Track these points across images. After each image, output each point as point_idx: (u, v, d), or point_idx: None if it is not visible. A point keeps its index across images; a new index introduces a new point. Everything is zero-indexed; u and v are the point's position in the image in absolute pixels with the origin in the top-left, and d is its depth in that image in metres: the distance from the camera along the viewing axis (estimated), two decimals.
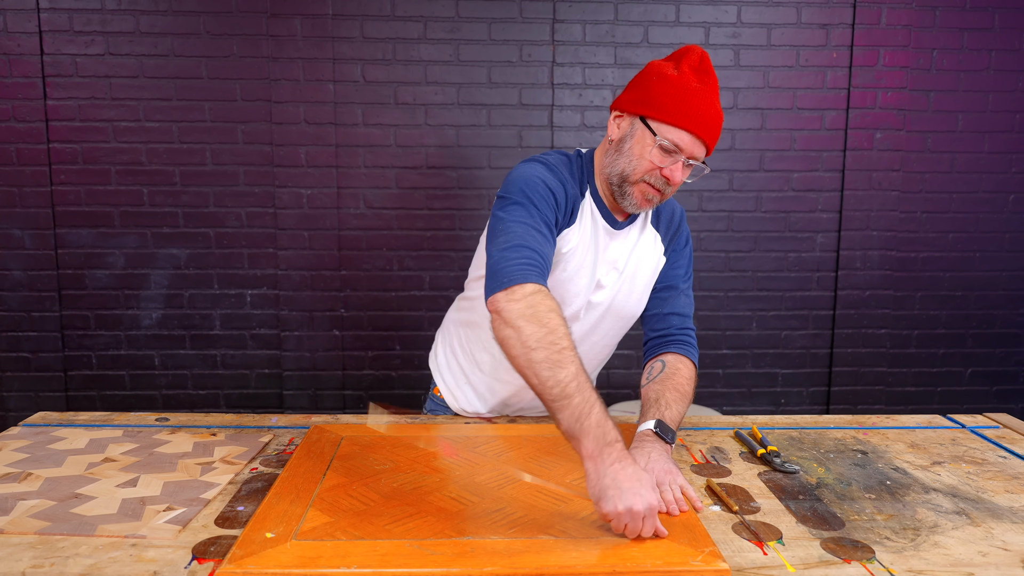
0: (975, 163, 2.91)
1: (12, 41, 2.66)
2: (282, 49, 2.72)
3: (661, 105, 1.24)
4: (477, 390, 1.52)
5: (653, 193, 1.28)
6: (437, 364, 1.61)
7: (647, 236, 1.43)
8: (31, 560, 0.90)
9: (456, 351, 1.55)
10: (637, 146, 1.27)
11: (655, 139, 1.24)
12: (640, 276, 1.42)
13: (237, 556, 0.88)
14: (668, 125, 1.24)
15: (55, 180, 2.74)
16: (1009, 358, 3.04)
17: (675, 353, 1.42)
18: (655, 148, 1.25)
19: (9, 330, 2.80)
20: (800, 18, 2.80)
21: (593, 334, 1.44)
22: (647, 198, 1.29)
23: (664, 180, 1.27)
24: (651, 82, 1.26)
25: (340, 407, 2.91)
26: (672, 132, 1.23)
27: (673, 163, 1.25)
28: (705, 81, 1.25)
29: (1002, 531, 1.02)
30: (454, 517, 1.00)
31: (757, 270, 2.93)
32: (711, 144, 1.27)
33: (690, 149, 1.24)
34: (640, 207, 1.31)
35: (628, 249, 1.40)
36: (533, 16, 2.75)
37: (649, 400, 1.32)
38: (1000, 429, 1.46)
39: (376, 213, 2.82)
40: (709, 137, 1.25)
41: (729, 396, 2.99)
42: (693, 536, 0.95)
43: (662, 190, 1.28)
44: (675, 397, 1.31)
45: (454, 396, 1.56)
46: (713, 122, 1.25)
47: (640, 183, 1.28)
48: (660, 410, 1.27)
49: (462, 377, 1.54)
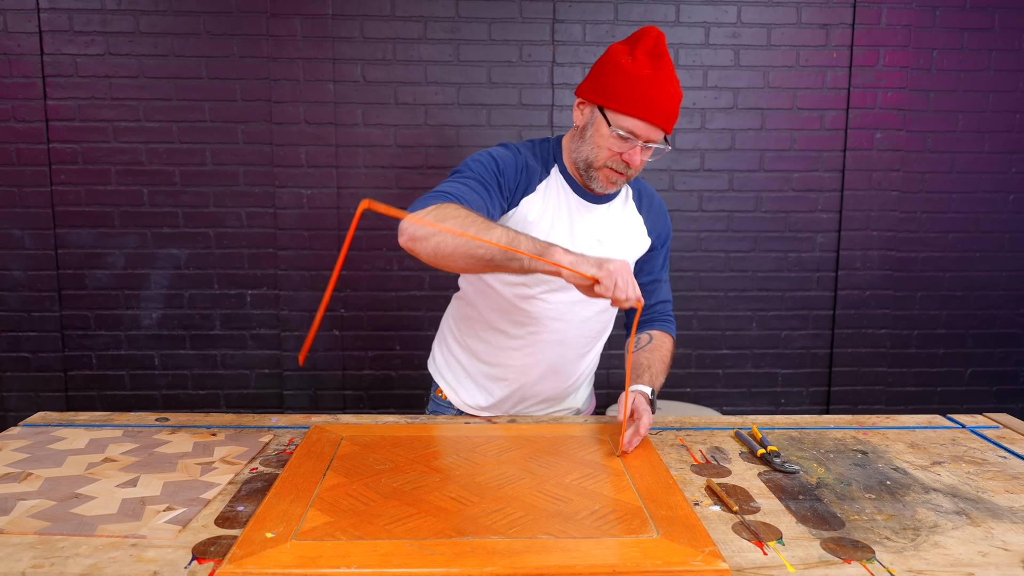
0: (975, 163, 2.91)
1: (12, 41, 2.66)
2: (282, 49, 2.72)
3: (615, 95, 1.31)
4: (477, 381, 1.53)
5: (616, 176, 1.38)
6: (436, 366, 1.63)
7: (630, 215, 1.51)
8: (31, 560, 0.90)
9: (452, 348, 1.58)
10: (596, 134, 1.35)
11: (611, 128, 1.32)
12: (624, 252, 1.48)
13: (237, 556, 0.88)
14: (622, 115, 1.31)
15: (55, 180, 2.74)
16: (1009, 358, 3.04)
17: (660, 330, 1.57)
18: (612, 136, 1.33)
19: (9, 330, 2.80)
20: (800, 18, 2.80)
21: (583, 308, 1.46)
22: (612, 180, 1.38)
23: (625, 164, 1.35)
24: (607, 71, 1.33)
25: (340, 407, 2.91)
26: (626, 121, 1.31)
27: (631, 148, 1.33)
28: (658, 66, 1.31)
29: (1002, 531, 1.02)
30: (454, 517, 1.00)
31: (757, 270, 2.93)
32: (667, 126, 1.34)
33: (645, 134, 1.32)
34: (607, 188, 1.40)
35: (610, 224, 1.47)
36: (533, 16, 2.75)
37: (641, 365, 1.45)
38: (1000, 429, 1.46)
39: (376, 213, 2.81)
40: (663, 121, 1.32)
41: (729, 396, 2.99)
42: (693, 536, 0.95)
43: (624, 172, 1.37)
44: (661, 368, 1.47)
45: (456, 393, 1.57)
46: (666, 106, 1.31)
47: (603, 168, 1.37)
48: (652, 377, 1.42)
49: (461, 372, 1.56)
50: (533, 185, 1.39)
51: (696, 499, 1.11)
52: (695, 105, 2.83)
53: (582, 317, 1.46)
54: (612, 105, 1.31)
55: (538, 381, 1.50)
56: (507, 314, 1.45)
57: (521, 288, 1.41)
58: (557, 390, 1.54)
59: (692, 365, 2.98)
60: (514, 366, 1.48)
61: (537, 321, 1.43)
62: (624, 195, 1.50)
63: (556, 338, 1.46)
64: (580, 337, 1.48)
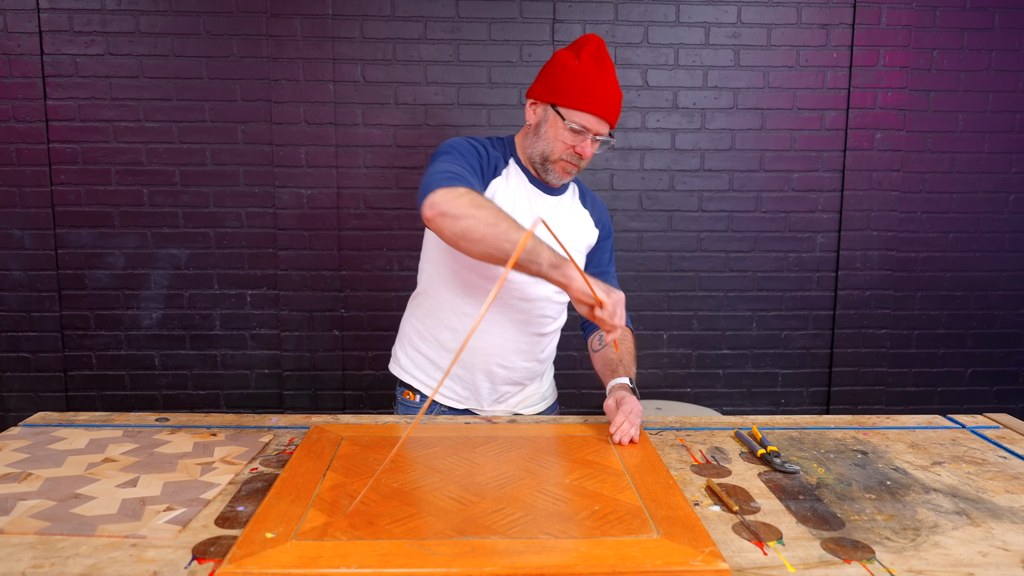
0: (975, 163, 2.91)
1: (12, 41, 2.66)
2: (282, 49, 2.72)
3: (567, 93, 1.44)
4: (451, 373, 1.58)
5: (571, 167, 1.51)
6: (401, 366, 1.67)
7: (577, 210, 1.63)
8: (31, 560, 0.90)
9: (418, 345, 1.62)
10: (551, 130, 1.48)
11: (565, 123, 1.45)
12: (576, 241, 1.60)
13: (237, 556, 0.88)
14: (574, 110, 1.45)
15: (55, 180, 2.74)
16: (1009, 358, 3.04)
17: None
18: (566, 131, 1.46)
19: (9, 330, 2.80)
20: (800, 18, 2.80)
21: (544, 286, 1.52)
22: (567, 171, 1.52)
23: (578, 156, 1.48)
24: (557, 73, 1.47)
25: (340, 407, 2.91)
26: (578, 116, 1.45)
27: (583, 141, 1.46)
28: (602, 67, 1.45)
29: (1002, 531, 1.02)
30: (454, 517, 1.00)
31: (757, 270, 2.93)
32: (613, 120, 1.48)
33: (595, 128, 1.46)
34: (562, 179, 1.53)
35: (562, 215, 1.59)
36: (533, 16, 2.75)
37: (612, 360, 1.54)
38: (1000, 429, 1.46)
39: (376, 213, 2.82)
40: (609, 115, 1.46)
41: (729, 396, 2.99)
42: (693, 536, 0.95)
43: (577, 164, 1.51)
44: (631, 360, 1.56)
45: (429, 389, 1.61)
46: (612, 102, 1.46)
47: (559, 161, 1.49)
48: (625, 369, 1.51)
49: (430, 366, 1.60)
50: (499, 170, 1.53)
51: (696, 499, 1.11)
52: (695, 105, 2.83)
53: (542, 296, 1.55)
54: (565, 102, 1.45)
55: (507, 359, 1.56)
56: (474, 297, 1.53)
57: (488, 269, 1.49)
58: (527, 370, 1.60)
59: (692, 365, 2.98)
60: (483, 348, 1.54)
61: (503, 301, 1.53)
62: (572, 191, 1.64)
63: (521, 317, 1.55)
64: (541, 316, 1.58)
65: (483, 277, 1.51)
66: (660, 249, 2.91)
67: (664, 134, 2.85)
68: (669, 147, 2.86)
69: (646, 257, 2.91)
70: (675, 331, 2.96)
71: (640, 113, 2.83)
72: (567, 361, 2.86)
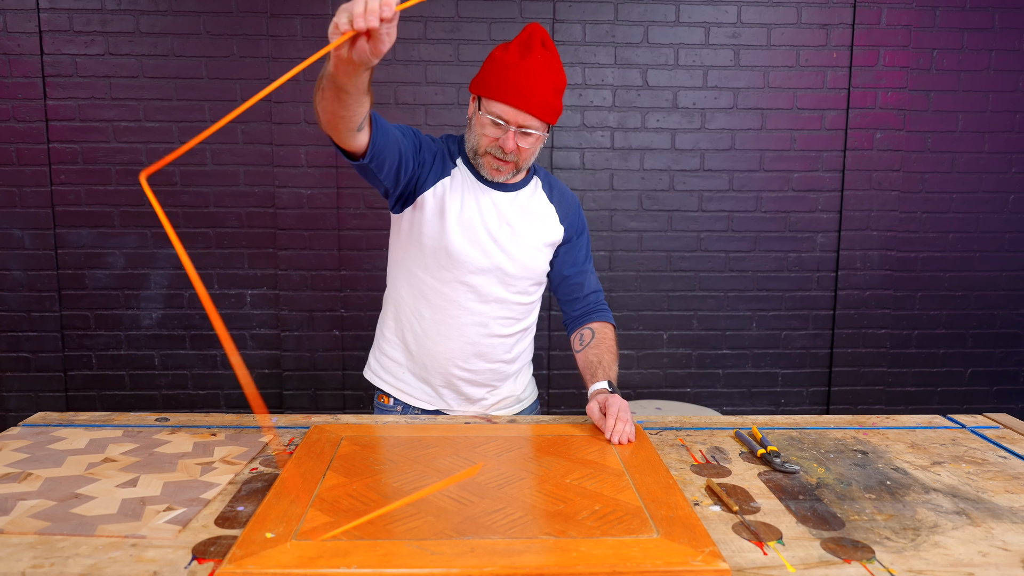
0: (975, 163, 2.91)
1: (12, 41, 2.66)
2: (282, 49, 2.72)
3: (485, 83, 1.39)
4: (415, 374, 1.58)
5: (498, 163, 1.44)
6: (373, 371, 1.68)
7: (539, 203, 1.56)
8: (31, 560, 0.90)
9: (385, 348, 1.63)
10: (477, 122, 1.43)
11: (483, 115, 1.40)
12: (535, 235, 1.53)
13: (237, 556, 0.88)
14: (491, 100, 1.38)
15: (55, 180, 2.74)
16: (1009, 358, 3.04)
17: (599, 321, 1.61)
18: (488, 123, 1.40)
19: (9, 330, 2.80)
20: (800, 18, 2.80)
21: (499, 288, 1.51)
22: (495, 168, 1.45)
23: (501, 150, 1.41)
24: (485, 64, 1.43)
25: (340, 407, 2.91)
26: (494, 106, 1.38)
27: (504, 134, 1.39)
28: (526, 55, 1.38)
29: (1002, 531, 1.01)
30: (454, 517, 1.00)
31: (757, 270, 2.93)
32: (537, 111, 1.38)
33: (515, 119, 1.38)
34: (493, 175, 1.46)
35: (519, 209, 1.52)
36: (533, 16, 2.75)
37: (592, 363, 1.52)
38: (1000, 429, 1.46)
39: (376, 213, 2.82)
40: (529, 106, 1.37)
41: (729, 396, 2.99)
42: (693, 536, 0.95)
43: (504, 158, 1.42)
44: (611, 359, 1.53)
45: (400, 391, 1.61)
46: (532, 92, 1.36)
47: (486, 155, 1.43)
48: (605, 371, 1.48)
49: (396, 367, 1.61)
50: (448, 170, 1.48)
51: (696, 499, 1.11)
52: (695, 105, 2.83)
53: (500, 297, 1.52)
54: (484, 92, 1.40)
55: (467, 361, 1.54)
56: (427, 299, 1.51)
57: (438, 271, 1.48)
58: (493, 372, 1.58)
59: (692, 365, 2.98)
60: (440, 351, 1.53)
61: (456, 303, 1.50)
62: (533, 185, 1.57)
63: (476, 319, 1.52)
64: (501, 318, 1.54)
65: (436, 279, 1.49)
66: (660, 249, 2.91)
67: (664, 134, 2.85)
68: (669, 147, 2.85)
69: (646, 257, 2.91)
70: (675, 331, 2.96)
71: (640, 113, 2.83)
72: (567, 361, 2.85)
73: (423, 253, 1.48)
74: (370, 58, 1.00)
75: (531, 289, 1.57)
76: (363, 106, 1.22)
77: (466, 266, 1.47)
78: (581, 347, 1.57)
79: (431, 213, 1.46)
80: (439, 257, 1.47)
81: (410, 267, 1.52)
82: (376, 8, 0.94)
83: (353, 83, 1.12)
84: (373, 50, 0.99)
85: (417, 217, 1.47)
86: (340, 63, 1.05)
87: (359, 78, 1.10)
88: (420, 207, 1.47)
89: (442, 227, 1.45)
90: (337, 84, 1.13)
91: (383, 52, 1.00)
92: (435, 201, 1.46)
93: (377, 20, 0.95)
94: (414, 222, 1.48)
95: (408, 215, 1.49)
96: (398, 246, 1.55)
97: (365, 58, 1.00)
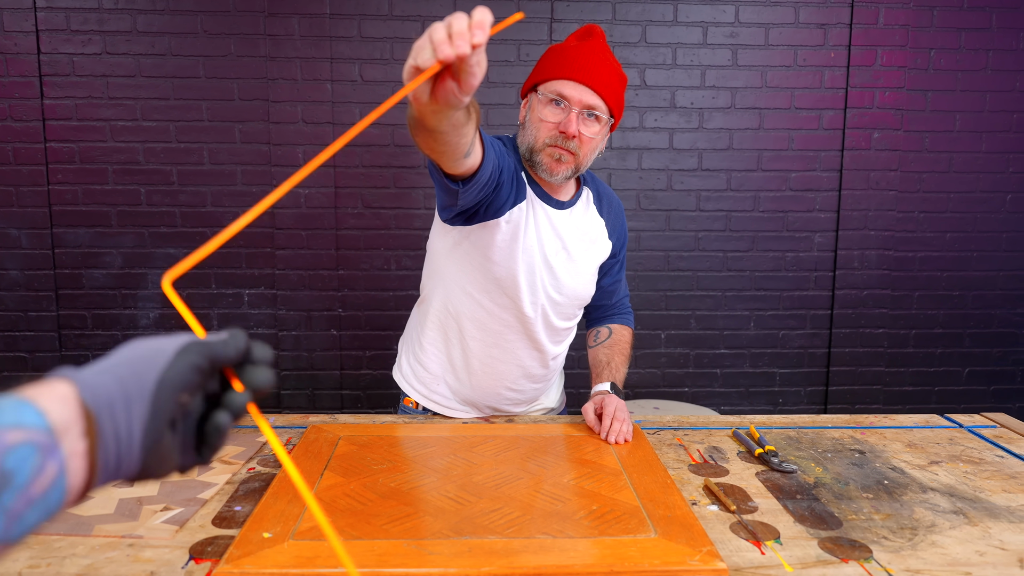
0: (973, 163, 2.92)
1: (9, 40, 2.65)
2: (280, 48, 2.71)
3: (543, 69, 1.34)
4: (456, 391, 1.51)
5: (559, 152, 1.32)
6: (405, 378, 1.58)
7: (592, 219, 1.49)
8: (28, 560, 0.89)
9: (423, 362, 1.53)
10: (533, 114, 1.35)
11: (542, 97, 1.32)
12: (589, 259, 1.47)
13: (234, 556, 0.88)
14: (550, 80, 1.32)
15: (52, 179, 2.74)
16: (1006, 357, 3.04)
17: (618, 323, 1.61)
18: (546, 106, 1.31)
19: (6, 330, 2.80)
20: (798, 18, 2.80)
21: (555, 315, 1.46)
22: (555, 158, 1.33)
23: (563, 136, 1.31)
24: (540, 60, 1.38)
25: (338, 407, 2.91)
26: (554, 84, 1.31)
27: (565, 116, 1.30)
28: (585, 41, 1.33)
29: (999, 530, 1.02)
30: (452, 517, 1.00)
31: (755, 270, 2.93)
32: (599, 87, 1.30)
33: (577, 96, 1.30)
34: (552, 171, 1.35)
35: (575, 230, 1.44)
36: (532, 16, 2.75)
37: (600, 363, 1.50)
38: (998, 428, 1.46)
39: (374, 212, 2.82)
40: (592, 82, 1.29)
41: (727, 396, 2.99)
42: (691, 536, 0.95)
43: (567, 147, 1.32)
44: (622, 360, 1.51)
45: (437, 403, 1.54)
46: (595, 69, 1.29)
47: (545, 148, 1.33)
48: (612, 372, 1.46)
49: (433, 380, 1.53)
50: (524, 192, 1.37)
51: (694, 499, 1.11)
52: (693, 105, 2.83)
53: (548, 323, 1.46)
54: (541, 77, 1.33)
55: (515, 383, 1.50)
56: (484, 324, 1.43)
57: (503, 299, 1.41)
58: (535, 390, 1.55)
59: (690, 365, 2.98)
60: (491, 374, 1.47)
61: (512, 329, 1.44)
62: (586, 198, 1.49)
63: (530, 344, 1.46)
64: (550, 342, 1.49)
65: (497, 305, 1.41)
66: (658, 249, 2.91)
67: (662, 133, 2.85)
68: (667, 147, 2.86)
69: (644, 256, 2.91)
70: (673, 330, 2.96)
71: (638, 112, 2.83)
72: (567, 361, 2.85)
73: (485, 277, 1.38)
74: (460, 98, 0.79)
75: (578, 312, 1.53)
76: (466, 136, 1.01)
77: (526, 298, 1.40)
78: (594, 344, 1.56)
79: (503, 240, 1.34)
80: (504, 285, 1.37)
81: (464, 285, 1.41)
82: (465, 31, 0.71)
83: (447, 123, 0.93)
84: (462, 87, 0.77)
85: (485, 239, 1.35)
86: (423, 108, 0.85)
87: (453, 116, 0.91)
88: (490, 230, 1.34)
89: (511, 256, 1.35)
90: (427, 127, 0.95)
91: (474, 87, 0.78)
92: (509, 228, 1.34)
93: (468, 46, 0.71)
94: (479, 244, 1.35)
95: (472, 233, 1.36)
96: (451, 261, 1.41)
97: (454, 100, 0.80)
